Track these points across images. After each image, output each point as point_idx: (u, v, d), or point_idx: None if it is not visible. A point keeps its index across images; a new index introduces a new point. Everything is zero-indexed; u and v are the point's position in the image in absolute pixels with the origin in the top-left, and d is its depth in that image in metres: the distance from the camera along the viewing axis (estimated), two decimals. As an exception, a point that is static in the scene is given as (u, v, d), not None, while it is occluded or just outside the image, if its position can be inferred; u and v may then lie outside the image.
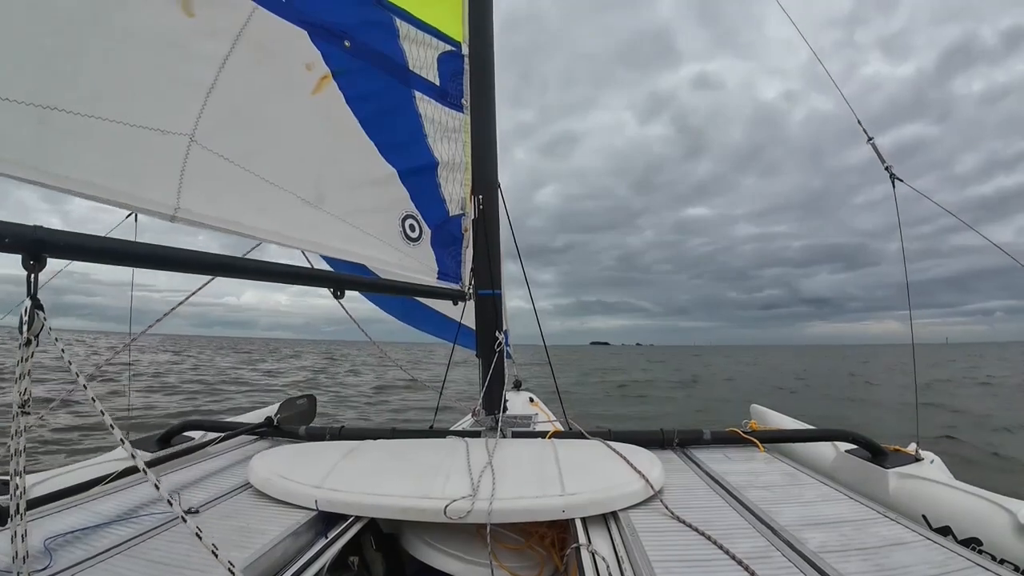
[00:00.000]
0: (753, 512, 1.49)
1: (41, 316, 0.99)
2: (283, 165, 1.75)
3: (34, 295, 0.99)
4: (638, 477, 1.61)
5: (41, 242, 1.01)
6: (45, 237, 1.02)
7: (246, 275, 1.63)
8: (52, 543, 1.27)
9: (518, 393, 4.42)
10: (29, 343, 0.98)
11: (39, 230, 1.02)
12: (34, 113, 1.14)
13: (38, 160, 1.17)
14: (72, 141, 1.22)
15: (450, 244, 2.45)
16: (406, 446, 2.09)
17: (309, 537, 1.42)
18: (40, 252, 1.01)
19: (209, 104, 1.49)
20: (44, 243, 1.02)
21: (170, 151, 1.42)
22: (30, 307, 0.98)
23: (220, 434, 2.32)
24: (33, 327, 0.98)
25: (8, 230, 0.97)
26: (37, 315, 0.98)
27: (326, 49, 1.85)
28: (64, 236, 1.08)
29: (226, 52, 1.55)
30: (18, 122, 1.13)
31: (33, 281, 1.00)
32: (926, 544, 1.28)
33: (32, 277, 1.00)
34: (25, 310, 0.98)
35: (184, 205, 1.42)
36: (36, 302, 0.99)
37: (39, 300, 1.00)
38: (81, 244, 1.14)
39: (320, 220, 1.90)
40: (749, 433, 2.31)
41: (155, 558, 1.23)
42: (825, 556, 1.20)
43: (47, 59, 1.19)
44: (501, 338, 2.40)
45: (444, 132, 2.40)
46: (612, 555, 1.26)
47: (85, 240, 1.16)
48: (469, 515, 1.40)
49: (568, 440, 2.19)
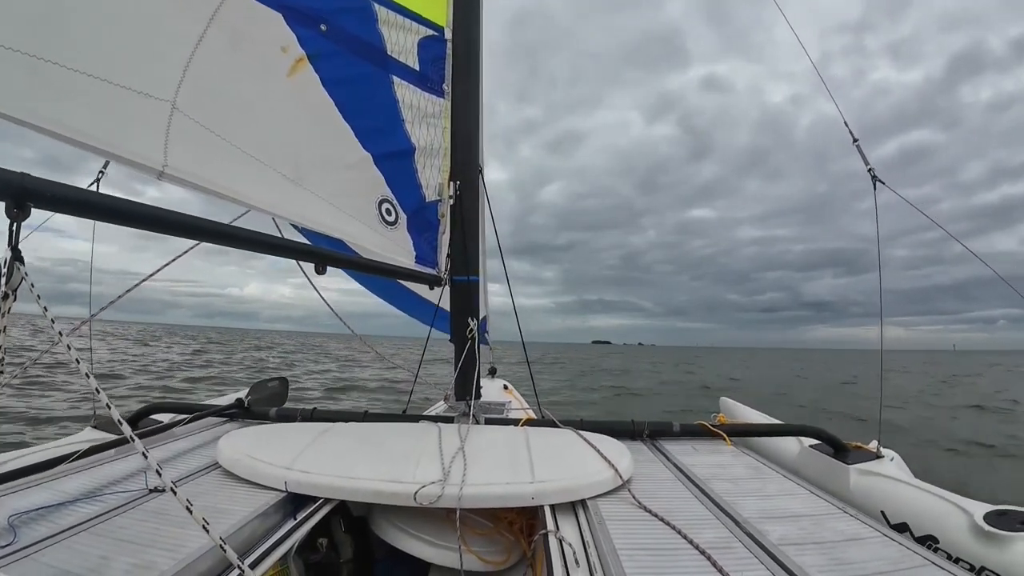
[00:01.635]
0: (717, 504, 1.53)
1: (21, 269, 0.93)
2: (264, 142, 1.75)
3: (15, 246, 0.93)
4: (607, 466, 1.64)
5: (27, 190, 0.96)
6: (31, 185, 0.97)
7: (232, 242, 1.60)
8: (16, 520, 1.25)
9: (492, 380, 4.47)
10: (6, 297, 0.91)
11: (26, 178, 0.97)
12: (26, 62, 1.12)
13: (30, 103, 1.14)
14: (63, 91, 1.20)
15: (426, 230, 2.47)
16: (378, 430, 2.10)
17: (278, 518, 1.41)
18: (25, 200, 0.96)
19: (187, 77, 1.49)
20: (29, 191, 0.97)
21: (154, 113, 1.40)
22: (10, 259, 0.92)
23: (188, 415, 2.29)
24: (12, 280, 0.92)
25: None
26: (17, 268, 0.92)
27: (301, 32, 1.86)
28: (51, 186, 1.04)
29: (201, 31, 1.55)
30: (11, 68, 1.10)
31: (16, 231, 0.94)
32: (882, 540, 1.32)
33: (15, 226, 0.94)
34: (4, 261, 0.92)
35: (171, 163, 1.41)
36: (16, 253, 0.93)
37: (20, 252, 0.94)
38: (67, 195, 1.10)
39: (302, 197, 1.91)
40: (717, 427, 2.36)
41: (121, 536, 1.22)
42: (784, 548, 1.24)
43: (37, 14, 1.17)
44: (473, 325, 2.44)
45: (423, 117, 2.41)
46: (579, 541, 1.29)
47: (71, 192, 1.12)
48: (439, 500, 1.41)
49: (540, 428, 2.22)
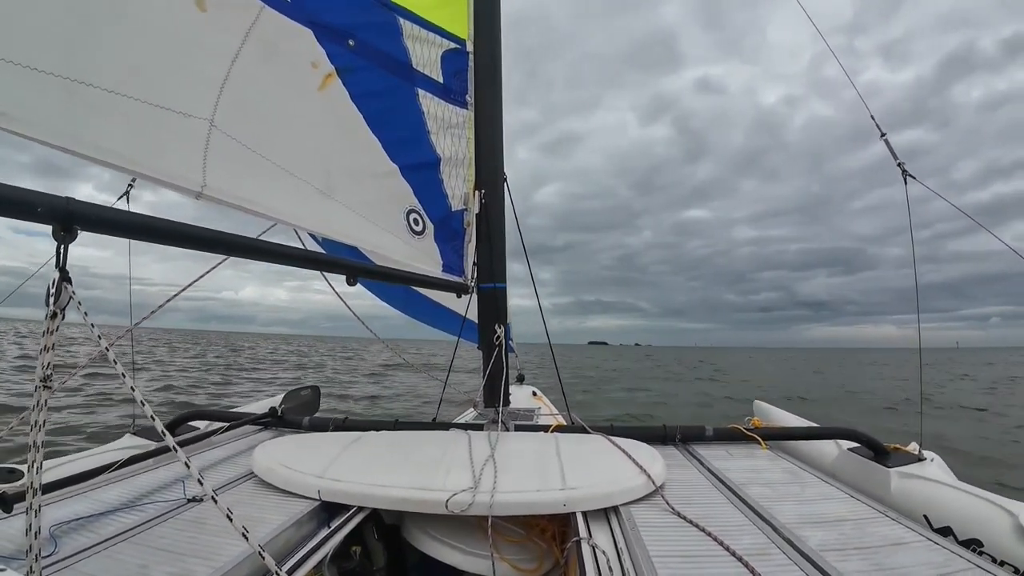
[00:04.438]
0: (754, 509, 1.49)
1: (69, 289, 0.97)
2: (296, 156, 1.79)
3: (63, 267, 0.98)
4: (639, 472, 1.62)
5: (72, 213, 1.01)
6: (76, 209, 1.03)
7: (264, 257, 1.64)
8: (57, 530, 1.27)
9: (521, 387, 4.45)
10: (55, 316, 0.96)
11: (72, 202, 1.02)
12: (61, 84, 1.15)
13: (69, 128, 1.18)
14: (99, 114, 1.23)
15: (452, 239, 2.49)
16: (409, 438, 2.11)
17: (312, 527, 1.43)
18: (71, 223, 1.01)
19: (225, 93, 1.52)
20: (75, 215, 1.02)
21: (193, 132, 1.43)
22: (58, 279, 0.96)
23: (225, 424, 2.33)
24: (60, 300, 0.96)
25: (41, 200, 0.97)
26: (65, 287, 0.97)
27: (330, 48, 1.90)
28: (94, 209, 1.11)
29: (237, 47, 1.59)
30: (46, 91, 1.13)
31: (63, 252, 0.99)
32: (926, 544, 1.28)
33: (62, 248, 0.99)
34: (53, 282, 0.96)
35: (210, 183, 1.44)
36: (64, 274, 0.97)
37: (67, 272, 0.98)
38: (111, 218, 1.16)
39: (333, 209, 1.94)
40: (751, 430, 2.31)
41: (160, 545, 1.23)
42: (825, 554, 1.20)
43: (72, 36, 1.20)
44: (500, 332, 2.43)
45: (447, 128, 2.44)
46: (612, 549, 1.27)
47: (114, 214, 1.18)
48: (471, 508, 1.40)
49: (570, 434, 2.20)
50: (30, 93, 1.10)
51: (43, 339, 0.96)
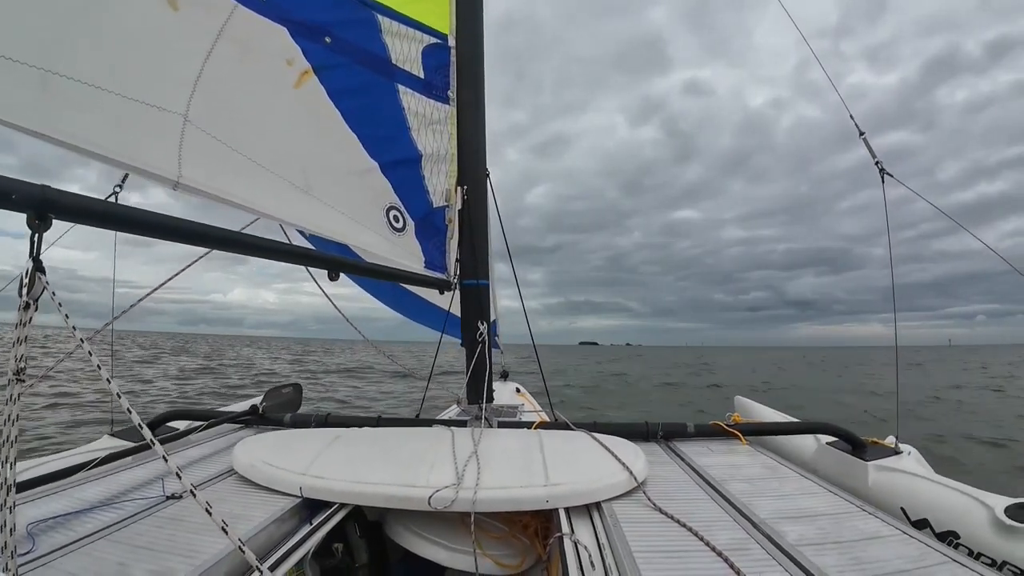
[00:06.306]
0: (734, 504, 1.51)
1: (43, 279, 0.93)
2: (272, 152, 1.79)
3: (36, 256, 0.94)
4: (622, 469, 1.63)
5: (48, 201, 0.98)
6: (52, 196, 0.99)
7: (245, 250, 1.63)
8: (34, 528, 1.26)
9: (505, 383, 4.45)
10: (28, 307, 0.92)
11: (47, 189, 0.99)
12: (37, 75, 1.13)
13: (45, 116, 1.15)
14: (75, 104, 1.21)
15: (433, 235, 2.50)
16: (392, 434, 2.11)
17: (293, 523, 1.43)
18: (46, 211, 0.97)
19: (198, 91, 1.53)
20: (51, 202, 0.99)
21: (168, 126, 1.43)
22: (31, 269, 0.92)
23: (204, 422, 2.33)
24: (33, 291, 0.93)
25: (16, 187, 0.94)
26: (39, 278, 0.93)
27: (306, 45, 1.90)
28: (70, 197, 1.07)
29: (209, 46, 1.59)
30: (23, 80, 1.11)
31: (37, 241, 0.95)
32: (902, 538, 1.30)
33: (36, 237, 0.95)
34: (26, 272, 0.92)
35: (186, 174, 1.43)
36: (38, 264, 0.93)
37: (41, 262, 0.94)
38: (86, 206, 1.13)
39: (313, 205, 1.94)
40: (732, 426, 2.32)
41: (139, 543, 1.22)
42: (802, 549, 1.22)
43: (48, 30, 1.19)
44: (483, 328, 2.44)
45: (428, 124, 2.43)
46: (595, 545, 1.28)
47: (90, 203, 1.15)
48: (454, 504, 1.41)
49: (554, 431, 2.21)
50: (5, 80, 1.09)
51: (16, 331, 0.92)
